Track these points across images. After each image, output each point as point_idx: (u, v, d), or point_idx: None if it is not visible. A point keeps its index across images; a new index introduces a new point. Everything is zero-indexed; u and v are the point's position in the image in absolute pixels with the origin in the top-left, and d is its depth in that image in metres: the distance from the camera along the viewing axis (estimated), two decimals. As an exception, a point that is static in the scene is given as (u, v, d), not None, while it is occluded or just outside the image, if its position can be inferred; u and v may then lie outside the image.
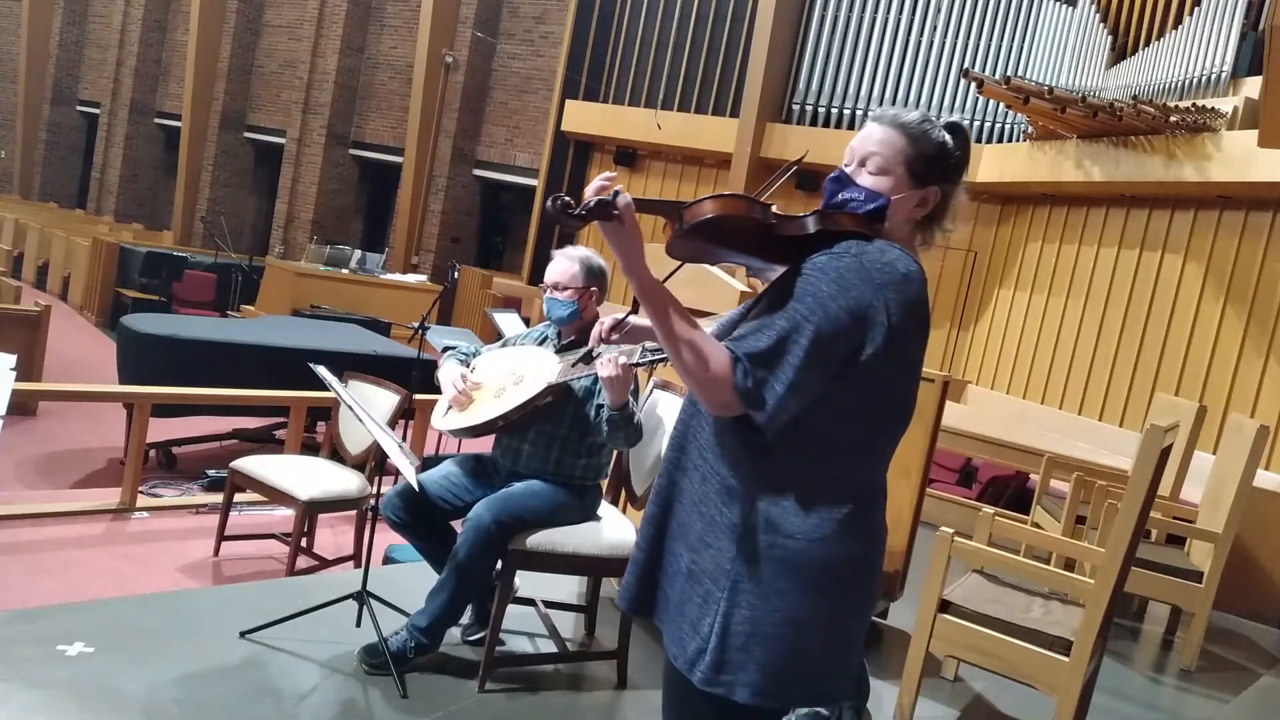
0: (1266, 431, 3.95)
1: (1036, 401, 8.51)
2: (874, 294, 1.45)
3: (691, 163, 11.84)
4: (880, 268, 1.47)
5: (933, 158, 1.57)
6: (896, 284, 1.47)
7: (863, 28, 10.45)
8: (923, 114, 1.60)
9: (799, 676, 1.51)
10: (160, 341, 5.78)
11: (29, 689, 2.52)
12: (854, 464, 1.53)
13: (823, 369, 1.45)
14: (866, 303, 1.45)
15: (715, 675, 1.50)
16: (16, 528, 4.44)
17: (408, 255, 14.50)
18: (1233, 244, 7.06)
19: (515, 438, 2.96)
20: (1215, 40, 7.08)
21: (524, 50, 14.69)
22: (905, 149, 1.56)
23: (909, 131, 1.57)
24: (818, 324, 1.44)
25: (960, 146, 1.60)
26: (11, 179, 19.58)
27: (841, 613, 1.54)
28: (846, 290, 1.45)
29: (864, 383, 1.48)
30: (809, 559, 1.49)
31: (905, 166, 1.56)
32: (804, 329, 1.44)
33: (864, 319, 1.45)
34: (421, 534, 2.98)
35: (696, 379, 1.48)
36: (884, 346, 1.46)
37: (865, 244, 1.50)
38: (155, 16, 18.38)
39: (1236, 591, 4.62)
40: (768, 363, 1.44)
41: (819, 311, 1.44)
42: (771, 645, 1.49)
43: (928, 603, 2.85)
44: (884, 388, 1.51)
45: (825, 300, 1.45)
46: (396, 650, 2.82)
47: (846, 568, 1.52)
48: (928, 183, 1.57)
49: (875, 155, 1.57)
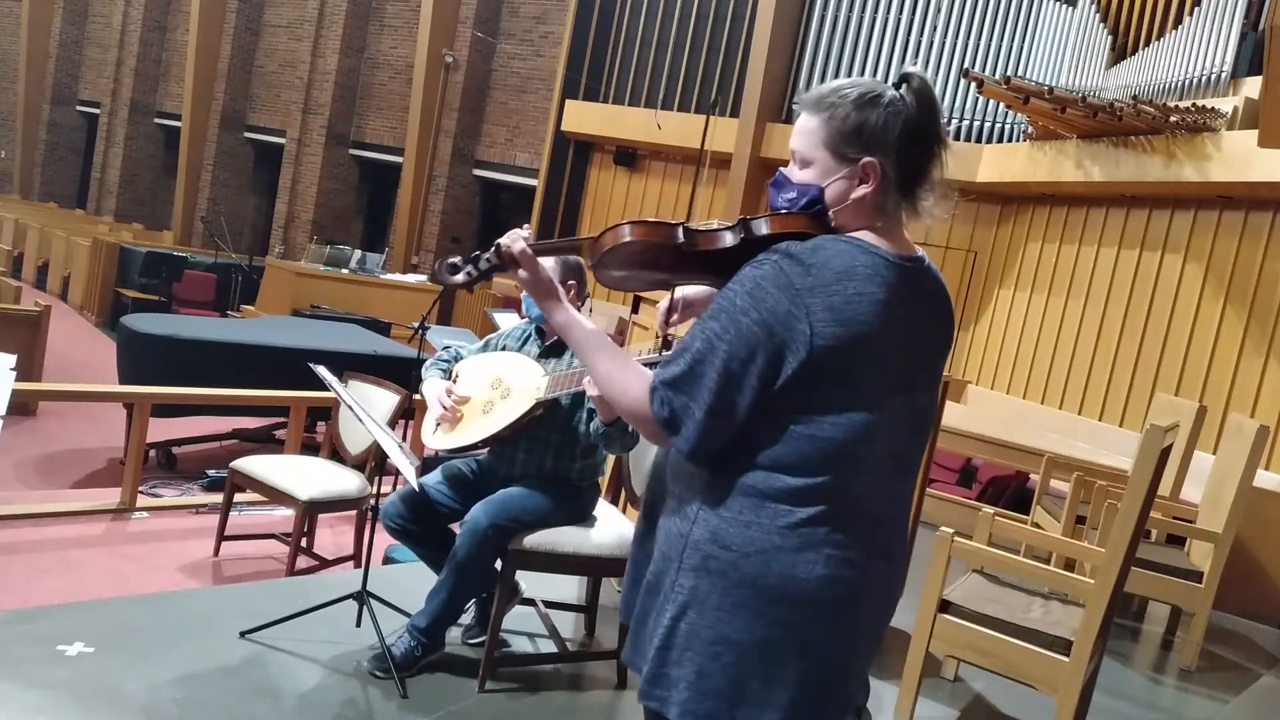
0: (1266, 431, 3.94)
1: (1036, 401, 8.50)
2: (791, 302, 1.34)
3: (692, 163, 11.83)
4: (804, 271, 1.35)
5: (852, 130, 1.41)
6: (825, 286, 1.34)
7: (863, 28, 10.44)
8: (835, 86, 1.45)
9: (731, 701, 1.40)
10: (160, 341, 5.78)
11: (29, 689, 2.52)
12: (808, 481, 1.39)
13: (742, 388, 1.36)
14: (783, 312, 1.34)
15: (650, 689, 1.45)
16: (16, 528, 4.44)
17: (408, 255, 14.50)
18: (1233, 244, 7.06)
19: (509, 446, 2.95)
20: (1215, 40, 7.08)
21: (524, 50, 14.68)
22: (818, 131, 1.43)
23: (821, 108, 1.43)
24: (730, 342, 1.35)
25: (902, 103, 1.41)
26: (11, 179, 19.57)
27: (783, 637, 1.39)
28: (760, 302, 1.35)
29: (799, 396, 1.37)
30: (745, 573, 1.39)
31: (826, 149, 1.42)
32: (717, 348, 1.36)
33: (781, 331, 1.34)
34: (422, 539, 2.97)
35: (622, 411, 1.48)
36: (808, 358, 1.34)
37: (796, 244, 1.38)
38: (155, 16, 18.37)
39: (1236, 591, 4.61)
40: (684, 387, 1.37)
41: (730, 328, 1.36)
42: (702, 662, 1.40)
43: (928, 603, 2.85)
44: (827, 399, 1.38)
45: (737, 315, 1.36)
46: (402, 654, 2.82)
47: (790, 587, 1.38)
48: (853, 157, 1.41)
49: (795, 149, 1.46)
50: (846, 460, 1.40)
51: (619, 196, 12.35)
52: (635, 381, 1.44)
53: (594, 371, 1.50)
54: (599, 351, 1.49)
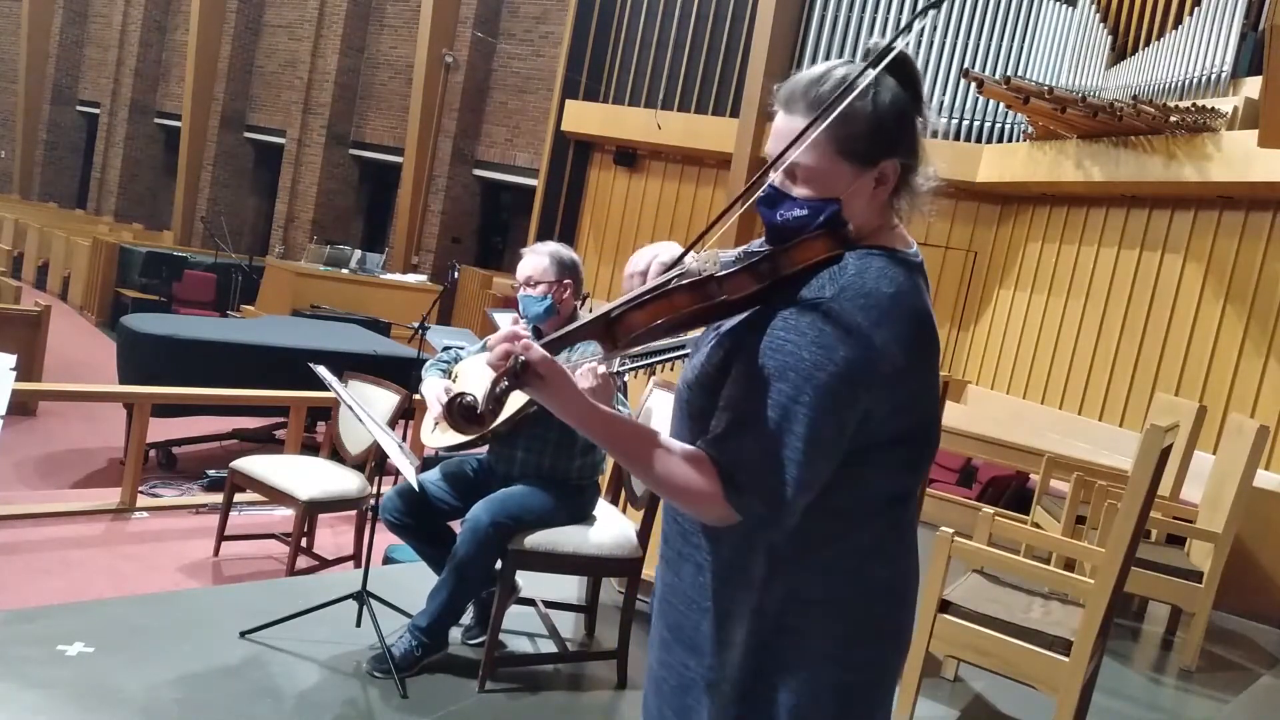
0: (1266, 431, 3.94)
1: (1036, 401, 8.50)
2: (865, 345, 1.20)
3: (691, 163, 11.84)
4: (863, 306, 1.21)
5: (869, 132, 1.25)
6: (886, 315, 1.21)
7: (863, 28, 10.44)
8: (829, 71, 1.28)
9: None
10: (160, 341, 5.78)
11: (29, 689, 2.52)
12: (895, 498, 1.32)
13: (832, 450, 1.22)
14: (861, 359, 1.19)
15: None
16: (16, 528, 4.44)
17: (408, 255, 14.50)
18: (1233, 244, 7.06)
19: (508, 445, 2.97)
20: (1215, 40, 7.08)
21: (524, 50, 14.68)
22: (830, 137, 1.24)
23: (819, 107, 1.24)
24: (808, 404, 1.18)
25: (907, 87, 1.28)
26: (11, 179, 19.57)
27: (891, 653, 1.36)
28: (832, 353, 1.19)
29: (871, 430, 1.26)
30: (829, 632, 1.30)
31: (840, 155, 1.26)
32: (795, 415, 1.19)
33: (864, 379, 1.21)
34: (420, 535, 2.98)
35: (682, 503, 1.27)
36: (889, 392, 1.23)
37: (836, 273, 1.23)
38: (155, 16, 18.37)
39: (1236, 591, 4.61)
40: (763, 470, 1.19)
41: (807, 389, 1.18)
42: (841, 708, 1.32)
43: (928, 603, 2.85)
44: (901, 425, 1.28)
45: (811, 372, 1.18)
46: (403, 655, 2.83)
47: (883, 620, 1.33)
48: (876, 159, 1.27)
49: (798, 162, 1.26)
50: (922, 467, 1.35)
51: (619, 196, 12.36)
52: (695, 476, 1.22)
53: (645, 476, 1.27)
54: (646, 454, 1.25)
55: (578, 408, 1.24)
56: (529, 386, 1.21)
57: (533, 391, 1.22)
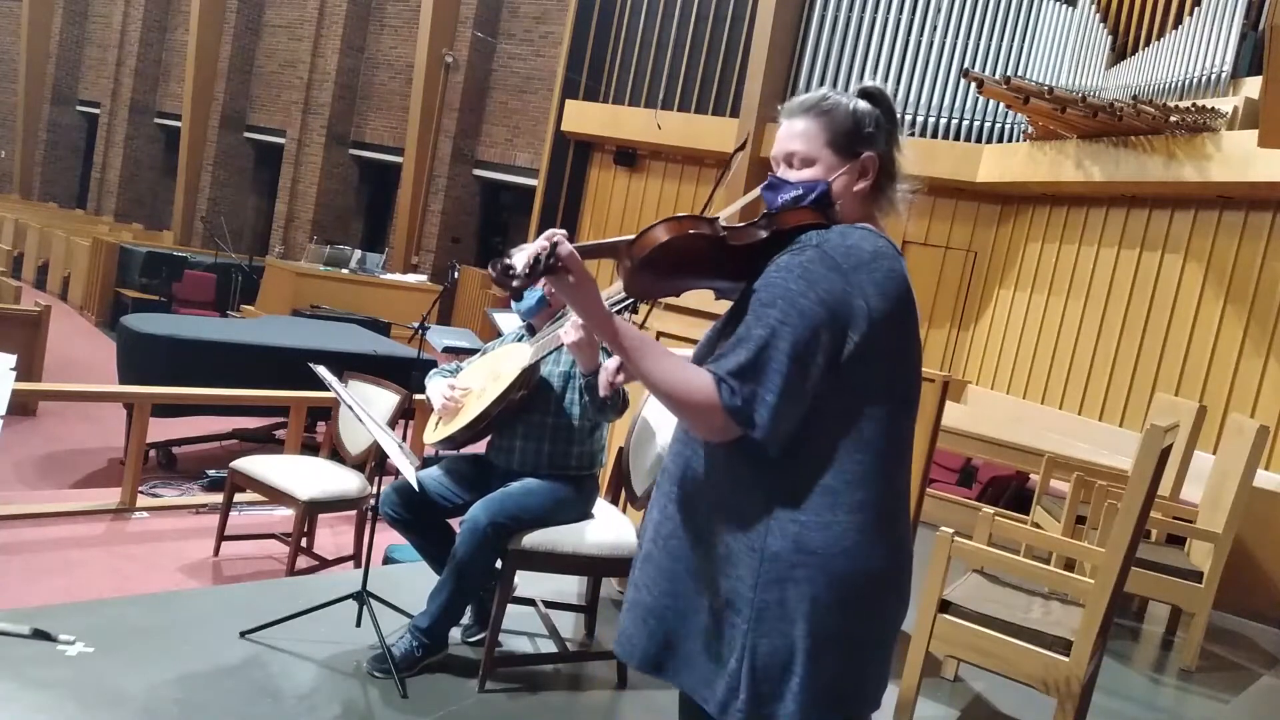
0: (1266, 431, 3.95)
1: (1036, 401, 8.50)
2: (844, 280, 1.41)
3: (691, 163, 11.84)
4: (845, 252, 1.43)
5: (851, 129, 1.53)
6: (865, 265, 1.43)
7: (863, 28, 10.44)
8: (823, 92, 1.57)
9: (837, 699, 1.46)
10: (160, 341, 5.78)
11: (29, 689, 2.52)
12: (867, 468, 1.46)
13: (811, 369, 1.40)
14: (839, 290, 1.41)
15: (756, 710, 1.44)
16: (16, 528, 4.44)
17: (408, 255, 14.50)
18: (1233, 244, 7.06)
19: (506, 436, 2.98)
20: (1215, 40, 7.08)
21: (524, 50, 14.69)
22: (821, 131, 1.53)
23: (817, 112, 1.54)
24: (794, 324, 1.39)
25: (876, 109, 1.56)
26: (11, 179, 19.58)
27: (873, 628, 1.48)
28: (815, 283, 1.41)
29: (857, 375, 1.44)
30: (833, 574, 1.43)
31: (828, 147, 1.53)
32: (781, 333, 1.39)
33: (841, 308, 1.41)
34: (420, 531, 2.99)
35: (683, 410, 1.44)
36: (869, 332, 1.42)
37: (824, 232, 1.47)
38: (155, 16, 18.38)
39: (1236, 591, 4.61)
40: (753, 376, 1.40)
41: (792, 311, 1.40)
42: (805, 669, 1.43)
43: (928, 603, 2.85)
44: (880, 378, 1.46)
45: (796, 298, 1.40)
46: (403, 655, 2.83)
47: (873, 582, 1.46)
48: (856, 153, 1.54)
49: (796, 151, 1.54)
50: (898, 437, 1.49)
51: (619, 197, 12.36)
52: (698, 377, 1.43)
53: (651, 375, 1.44)
54: (654, 354, 1.46)
55: (595, 303, 1.45)
56: (556, 275, 1.42)
57: (558, 280, 1.43)
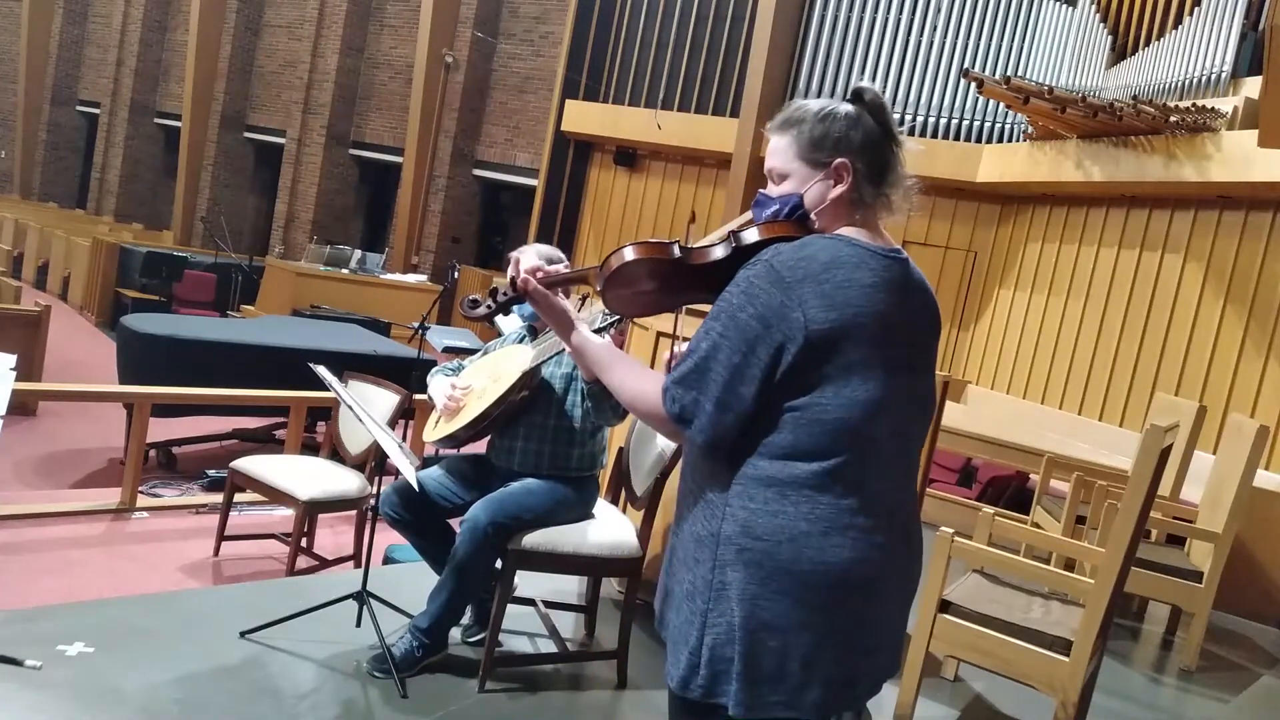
0: (1266, 431, 3.94)
1: (1036, 401, 8.51)
2: (784, 294, 1.45)
3: (691, 163, 11.84)
4: (793, 265, 1.46)
5: (819, 138, 1.56)
6: (813, 277, 1.45)
7: (863, 28, 10.44)
8: (797, 103, 1.61)
9: (775, 686, 1.47)
10: (160, 341, 5.78)
11: (29, 689, 2.52)
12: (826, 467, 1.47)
13: (747, 380, 1.46)
14: (777, 304, 1.44)
15: (712, 687, 1.50)
16: (16, 528, 4.44)
17: (408, 255, 14.50)
18: (1233, 244, 7.06)
19: (507, 436, 2.98)
20: (1215, 40, 7.08)
21: (524, 50, 14.68)
22: (790, 145, 1.58)
23: (788, 127, 1.59)
24: (731, 338, 1.46)
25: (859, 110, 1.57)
26: (11, 179, 19.58)
27: (825, 618, 1.48)
28: (754, 297, 1.46)
29: (805, 382, 1.46)
30: (779, 561, 1.46)
31: (799, 160, 1.57)
32: (720, 346, 1.47)
33: (777, 322, 1.44)
34: (420, 531, 2.99)
35: (639, 414, 1.59)
36: (805, 343, 1.44)
37: (783, 244, 1.50)
38: (155, 16, 18.38)
39: (1236, 591, 4.61)
40: (694, 384, 1.48)
41: (731, 325, 1.47)
42: (748, 652, 1.47)
43: (928, 603, 2.85)
44: (834, 384, 1.46)
45: (735, 313, 1.47)
46: (403, 655, 2.83)
47: (824, 570, 1.46)
48: (827, 160, 1.55)
49: (774, 166, 1.60)
50: (857, 440, 1.48)
51: (619, 196, 12.36)
52: (649, 385, 1.56)
53: (611, 383, 1.62)
54: (614, 363, 1.63)
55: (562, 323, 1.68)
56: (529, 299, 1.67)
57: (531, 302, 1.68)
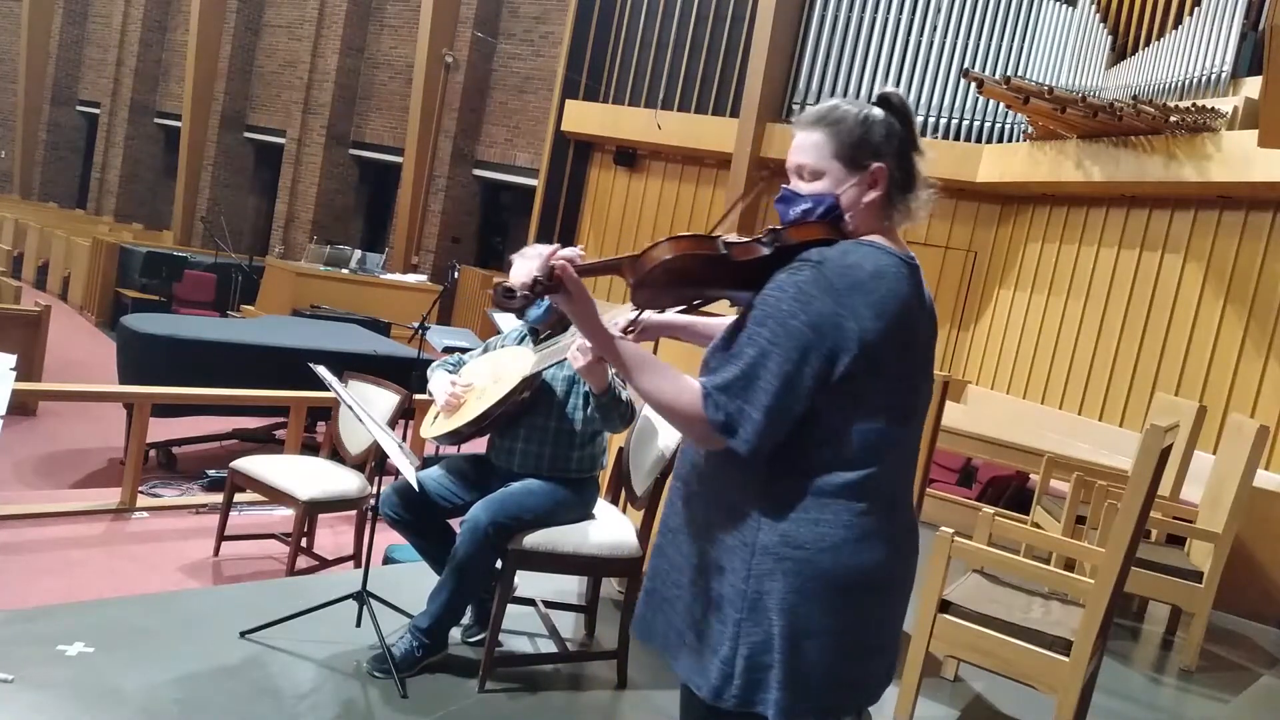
0: (1266, 431, 3.94)
1: (1036, 401, 8.50)
2: (837, 303, 1.42)
3: (691, 163, 11.84)
4: (841, 272, 1.44)
5: (859, 139, 1.53)
6: (862, 286, 1.43)
7: (863, 28, 10.44)
8: (833, 102, 1.57)
9: (821, 691, 1.50)
10: (160, 341, 5.78)
11: (29, 689, 2.52)
12: (860, 475, 1.49)
13: (798, 389, 1.43)
14: (830, 313, 1.42)
15: (746, 697, 1.49)
16: (16, 528, 4.44)
17: (408, 255, 14.49)
18: (1233, 244, 7.06)
19: (508, 437, 2.98)
20: (1215, 40, 7.08)
21: (524, 50, 14.68)
22: (828, 143, 1.53)
23: (825, 124, 1.54)
24: (783, 345, 1.42)
25: (888, 116, 1.56)
26: (11, 179, 19.57)
27: (857, 622, 1.51)
28: (807, 304, 1.42)
29: (851, 392, 1.45)
30: (819, 568, 1.47)
31: (836, 159, 1.53)
32: (770, 353, 1.42)
33: (830, 330, 1.42)
34: (420, 531, 2.99)
35: (674, 420, 1.52)
36: (860, 353, 1.43)
37: (826, 249, 1.47)
38: (155, 16, 18.37)
39: (1236, 591, 4.61)
40: (739, 392, 1.44)
41: (781, 332, 1.42)
42: (790, 659, 1.47)
43: (928, 603, 2.85)
44: (876, 393, 1.47)
45: (786, 319, 1.43)
46: (403, 655, 2.83)
47: (859, 580, 1.49)
48: (864, 164, 1.53)
49: (805, 163, 1.55)
50: (891, 448, 1.51)
51: (619, 196, 12.36)
52: (685, 391, 1.49)
53: (644, 388, 1.52)
54: (646, 367, 1.53)
55: (592, 321, 1.53)
56: (558, 293, 1.49)
57: (560, 298, 1.50)
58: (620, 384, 2.79)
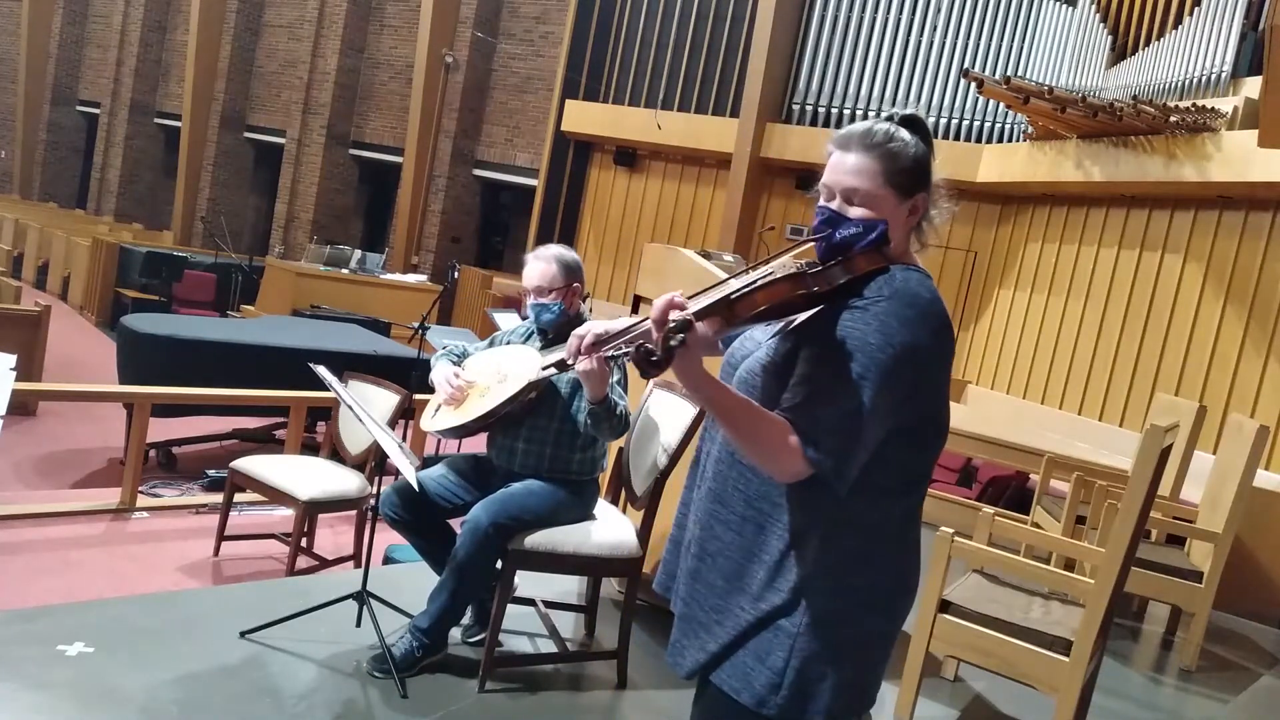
0: (1266, 431, 3.94)
1: (1036, 401, 8.51)
2: (913, 333, 1.49)
3: (692, 163, 11.84)
4: (910, 302, 1.50)
5: (912, 169, 1.57)
6: (924, 311, 1.51)
7: (863, 28, 10.44)
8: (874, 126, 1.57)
9: (858, 697, 1.60)
10: (160, 341, 5.78)
11: (29, 689, 2.52)
12: (902, 487, 1.58)
13: (886, 417, 1.50)
14: (910, 344, 1.48)
15: (793, 705, 1.54)
16: (16, 528, 4.44)
17: (408, 255, 14.50)
18: (1233, 244, 7.06)
19: (509, 437, 2.97)
20: (1215, 40, 7.08)
21: (524, 50, 14.69)
22: (882, 170, 1.55)
23: (880, 151, 1.55)
24: (874, 379, 1.46)
25: (925, 142, 1.60)
26: (11, 179, 19.58)
27: (891, 627, 1.62)
28: (890, 337, 1.48)
29: (909, 413, 1.53)
30: (873, 584, 1.56)
31: (889, 187, 1.56)
32: (863, 388, 1.46)
33: (911, 360, 1.49)
34: (420, 531, 2.98)
35: (766, 462, 1.51)
36: (921, 377, 1.52)
37: (888, 278, 1.52)
38: (155, 16, 18.37)
39: (1236, 591, 4.61)
40: (837, 430, 1.46)
41: (873, 367, 1.46)
42: (839, 672, 1.55)
43: (928, 603, 2.85)
44: (923, 409, 1.55)
45: (875, 353, 1.47)
46: (403, 655, 2.83)
47: (895, 586, 1.60)
48: (913, 193, 1.58)
49: (856, 188, 1.55)
50: (926, 472, 1.62)
51: (619, 196, 12.36)
52: (780, 435, 1.48)
53: (738, 433, 1.50)
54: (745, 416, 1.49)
55: (702, 375, 1.47)
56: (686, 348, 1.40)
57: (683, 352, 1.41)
58: (618, 399, 2.78)
